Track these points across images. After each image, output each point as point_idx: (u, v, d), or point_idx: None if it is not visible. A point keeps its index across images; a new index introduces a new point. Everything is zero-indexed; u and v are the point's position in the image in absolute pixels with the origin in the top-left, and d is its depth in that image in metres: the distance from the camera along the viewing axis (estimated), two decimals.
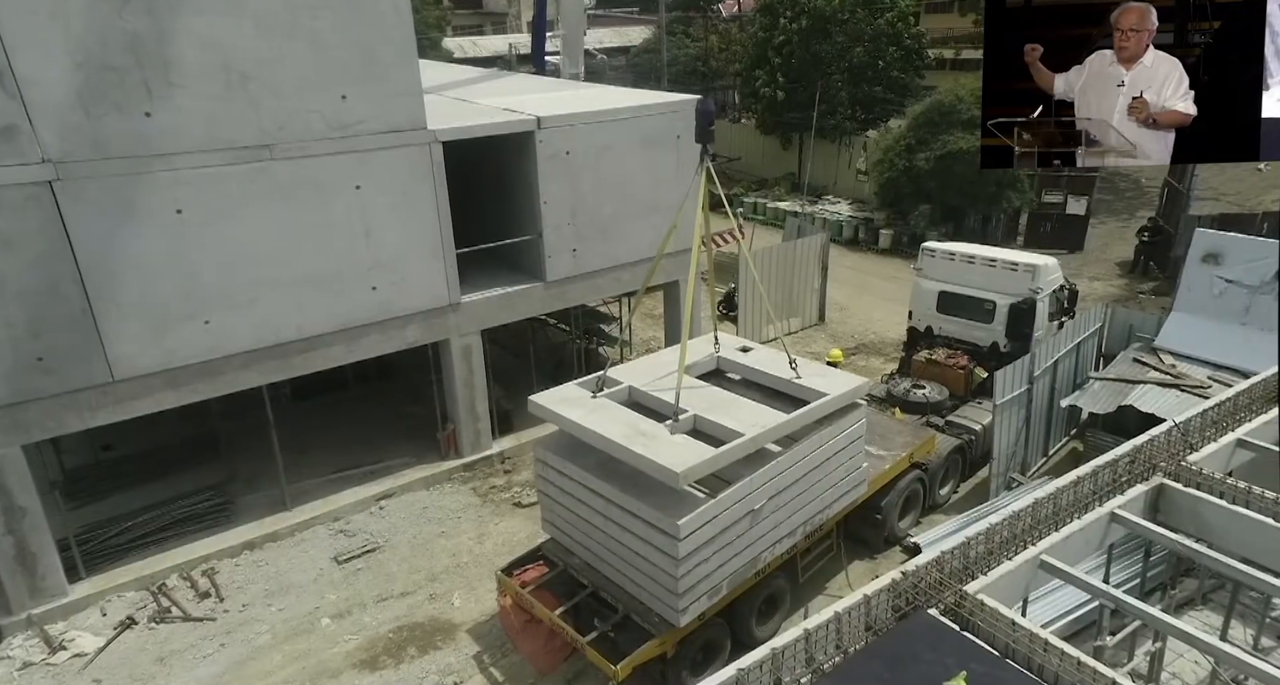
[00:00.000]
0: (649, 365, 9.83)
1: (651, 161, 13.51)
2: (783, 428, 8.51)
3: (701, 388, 9.23)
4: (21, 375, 9.03)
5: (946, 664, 5.40)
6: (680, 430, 8.25)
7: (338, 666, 9.22)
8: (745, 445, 8.07)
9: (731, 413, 8.55)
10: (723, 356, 10.20)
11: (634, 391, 9.10)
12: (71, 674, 9.07)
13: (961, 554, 6.45)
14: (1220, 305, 11.69)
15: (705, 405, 8.68)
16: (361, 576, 10.73)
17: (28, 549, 9.54)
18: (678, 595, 8.07)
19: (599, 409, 8.66)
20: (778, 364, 9.64)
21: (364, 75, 10.44)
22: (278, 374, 10.97)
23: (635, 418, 8.47)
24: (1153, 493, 7.44)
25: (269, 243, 10.30)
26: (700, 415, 8.48)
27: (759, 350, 10.37)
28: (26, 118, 8.41)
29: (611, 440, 8.04)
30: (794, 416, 8.60)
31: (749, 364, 9.96)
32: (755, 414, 8.58)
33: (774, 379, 9.57)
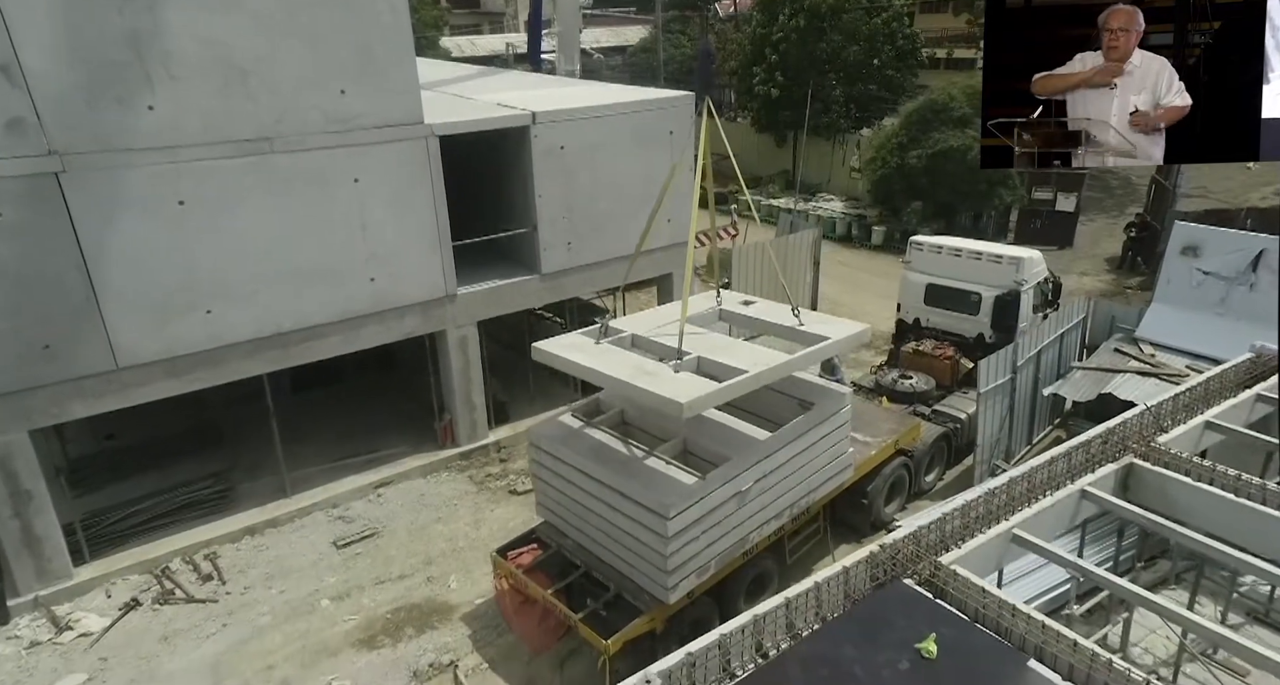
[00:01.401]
0: (651, 317, 9.96)
1: (645, 156, 13.76)
2: (786, 367, 8.64)
3: (704, 334, 9.34)
4: (28, 362, 9.27)
5: (919, 628, 5.66)
6: (684, 369, 8.36)
7: (337, 645, 9.47)
8: (748, 381, 8.17)
9: (734, 354, 8.66)
10: (725, 308, 10.36)
11: (637, 339, 9.24)
12: (78, 652, 9.32)
13: (938, 528, 6.70)
14: (1198, 297, 11.97)
15: (708, 348, 8.79)
16: (360, 560, 10.99)
17: (34, 532, 9.79)
18: (667, 573, 8.34)
19: (603, 353, 8.77)
20: (780, 313, 9.80)
21: (362, 71, 10.69)
22: (278, 363, 11.22)
23: (639, 359, 8.60)
24: (1122, 471, 7.71)
25: (269, 234, 10.55)
26: (703, 356, 8.61)
27: (761, 302, 10.51)
28: (33, 110, 8.66)
29: (617, 379, 8.17)
30: (797, 356, 8.75)
31: (752, 314, 10.11)
32: (758, 354, 8.69)
33: (777, 327, 9.71)
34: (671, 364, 8.34)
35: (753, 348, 8.98)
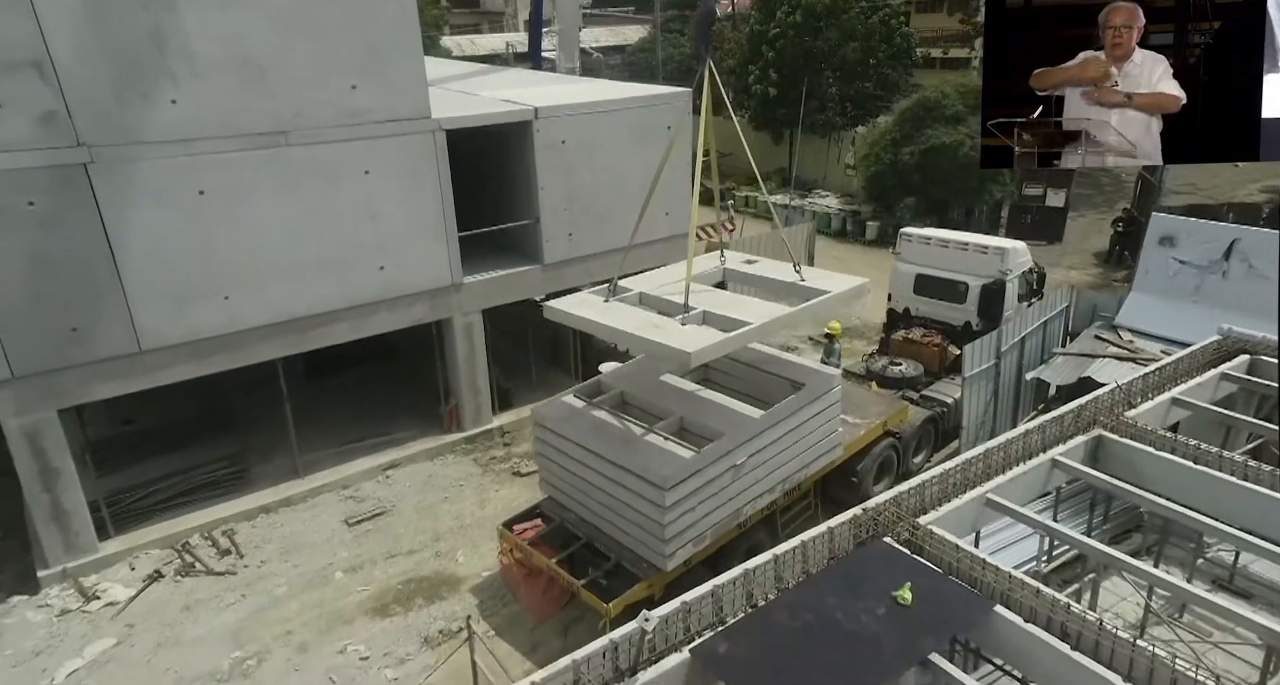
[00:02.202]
0: (657, 276, 10.36)
1: (644, 150, 14.21)
2: (789, 319, 9.08)
3: (710, 291, 9.74)
4: (57, 344, 9.76)
5: (897, 580, 6.15)
6: (691, 322, 8.73)
7: (351, 614, 9.96)
8: (753, 332, 8.59)
9: (739, 308, 9.07)
10: (729, 267, 10.79)
11: (644, 296, 9.66)
12: (105, 620, 9.80)
13: (917, 493, 7.19)
14: (1174, 285, 12.47)
15: (713, 303, 9.20)
16: (371, 537, 11.47)
17: (62, 507, 10.28)
18: (664, 542, 8.83)
19: (612, 309, 9.19)
20: (783, 271, 10.24)
21: (372, 67, 11.17)
22: (292, 348, 11.70)
23: (647, 314, 9.01)
24: (1092, 442, 8.20)
25: (283, 223, 11.03)
26: (709, 311, 9.00)
27: (763, 261, 10.92)
28: (64, 104, 9.14)
29: (626, 332, 8.59)
30: (800, 308, 9.19)
31: (755, 272, 10.54)
32: (762, 308, 9.09)
33: (780, 283, 10.13)
34: (679, 317, 8.75)
35: (757, 302, 9.35)
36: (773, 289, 10.20)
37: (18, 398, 9.71)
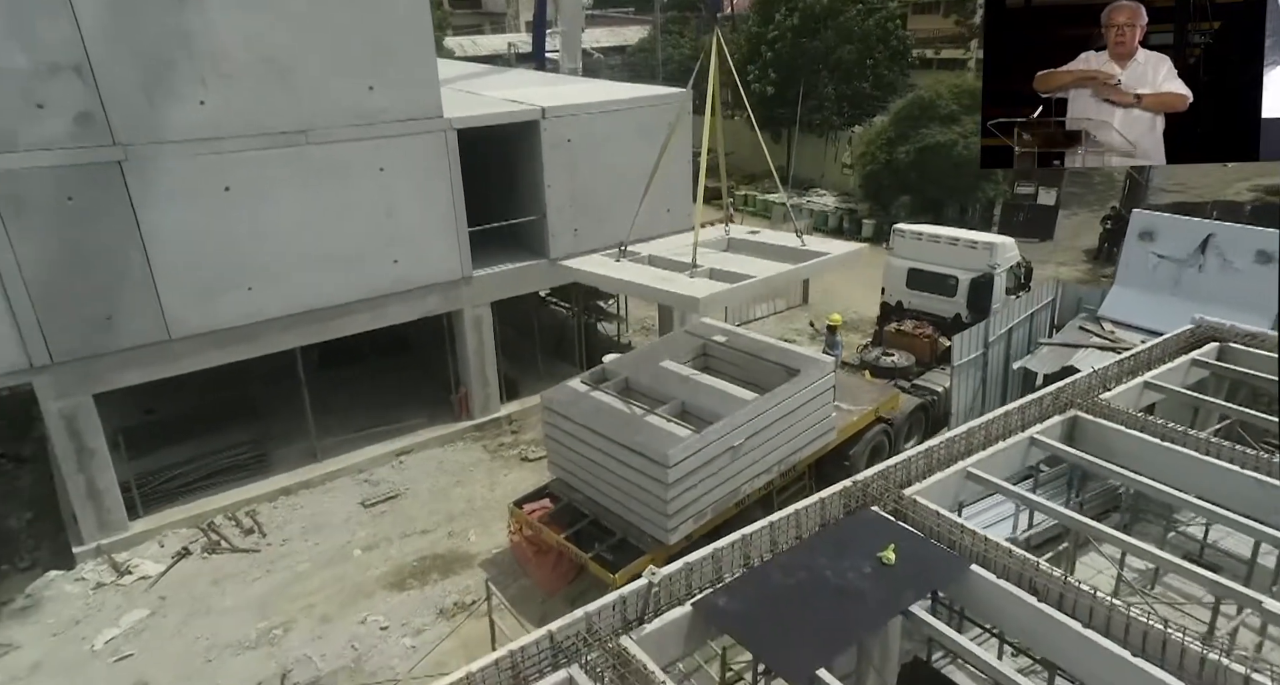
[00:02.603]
0: (664, 242, 10.89)
1: (646, 148, 14.69)
2: (790, 275, 9.61)
3: (716, 253, 10.26)
4: (92, 332, 10.31)
5: (883, 543, 6.71)
6: (699, 276, 9.27)
7: (370, 588, 10.51)
8: (757, 285, 9.15)
9: (743, 265, 9.61)
10: (733, 237, 11.30)
11: (653, 257, 10.18)
12: (138, 593, 10.36)
13: (903, 467, 7.73)
14: (1154, 279, 13.02)
15: (718, 261, 9.74)
16: (386, 518, 12.03)
17: (96, 486, 10.84)
18: (667, 517, 9.39)
19: (624, 267, 9.72)
20: (785, 239, 10.75)
21: (387, 69, 11.71)
22: (311, 338, 12.25)
23: (657, 270, 9.54)
24: (1068, 422, 8.75)
25: (303, 218, 11.58)
26: (715, 267, 9.53)
27: (765, 232, 11.43)
28: (100, 105, 9.68)
29: (639, 283, 9.14)
30: (802, 266, 9.71)
31: (758, 240, 11.05)
32: (765, 265, 9.60)
33: (783, 248, 10.64)
34: (687, 272, 9.27)
35: (760, 261, 9.86)
36: (776, 254, 10.65)
37: (57, 382, 10.28)
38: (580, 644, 5.78)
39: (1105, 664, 5.57)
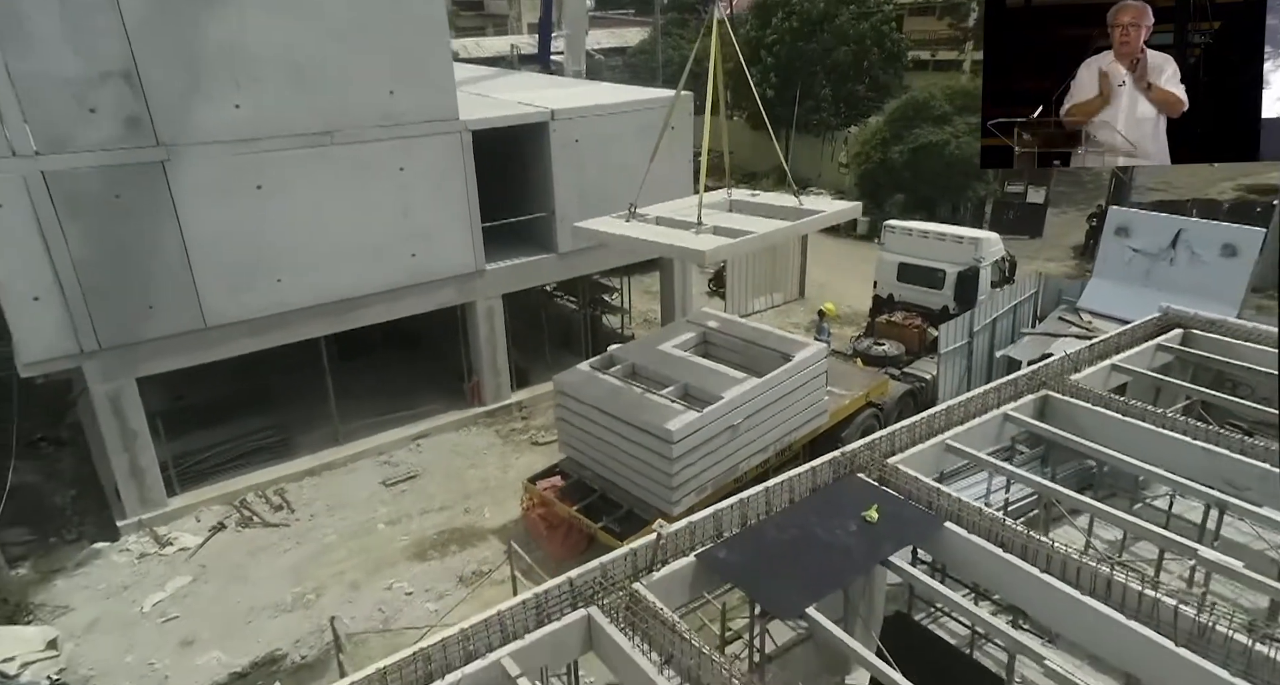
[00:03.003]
0: (671, 205, 11.55)
1: (649, 148, 15.50)
2: (789, 230, 10.34)
3: (719, 213, 10.93)
4: (136, 320, 11.07)
5: (866, 503, 7.47)
6: (704, 232, 9.99)
7: (394, 558, 11.28)
8: (757, 239, 9.85)
9: (746, 223, 10.30)
10: (735, 199, 11.99)
11: (661, 218, 10.88)
12: (180, 562, 11.13)
13: (888, 440, 8.50)
14: (1129, 271, 13.81)
15: (722, 220, 10.44)
16: (406, 496, 12.79)
17: (139, 465, 11.60)
18: (671, 489, 10.16)
19: (634, 226, 10.41)
20: (784, 199, 11.45)
21: (408, 74, 12.47)
22: (334, 327, 13.01)
23: (664, 228, 10.22)
24: (1040, 401, 9.52)
25: (328, 214, 12.33)
26: (719, 225, 10.24)
27: (765, 194, 12.09)
28: (146, 109, 10.44)
29: (649, 239, 9.83)
30: (799, 223, 10.42)
31: (759, 201, 11.76)
32: (765, 224, 10.32)
33: (783, 208, 11.30)
34: (693, 229, 10.00)
35: (761, 219, 10.56)
36: (775, 213, 11.27)
37: (104, 367, 11.04)
38: (597, 588, 6.54)
39: (1059, 604, 6.36)
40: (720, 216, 10.60)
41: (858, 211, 11.26)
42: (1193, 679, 5.56)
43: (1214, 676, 5.43)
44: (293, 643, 9.75)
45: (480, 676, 5.99)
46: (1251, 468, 7.84)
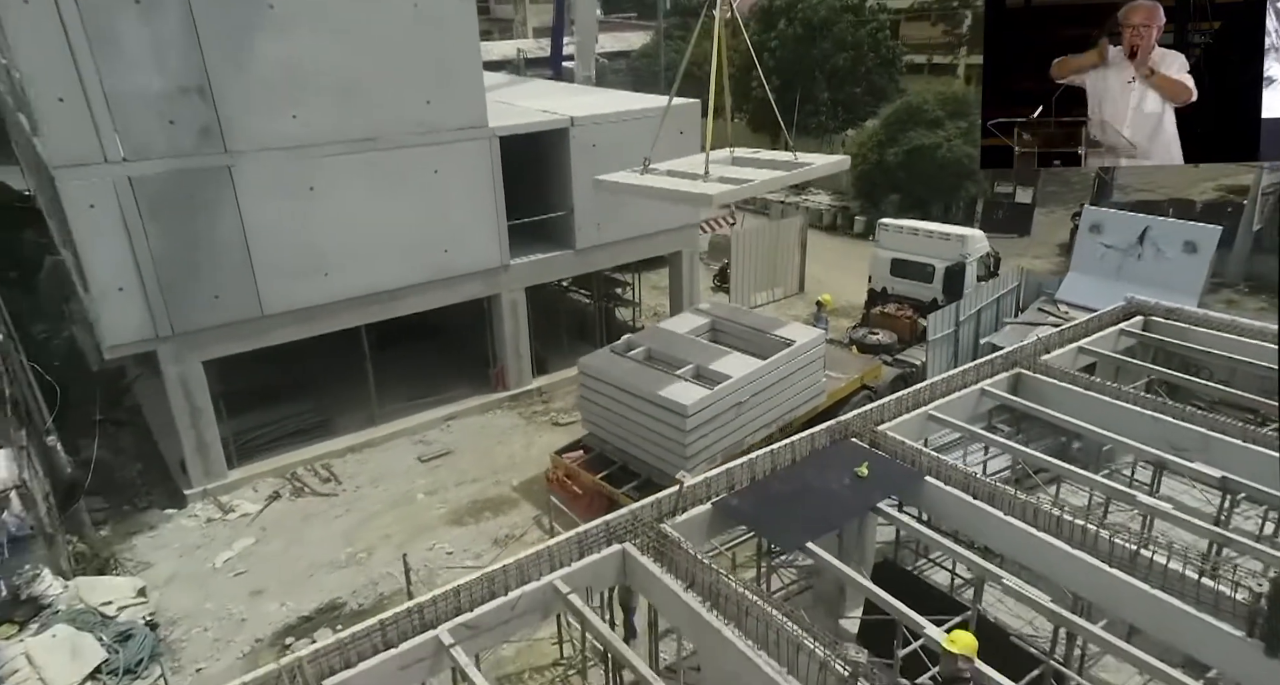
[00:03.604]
0: (680, 161, 12.69)
1: (658, 154, 16.65)
2: (786, 178, 11.67)
3: (724, 166, 12.11)
4: (203, 309, 12.29)
5: (858, 462, 8.70)
6: (711, 180, 11.23)
7: (434, 524, 12.51)
8: (759, 185, 11.11)
9: (747, 173, 11.52)
10: (737, 156, 13.19)
11: (671, 170, 12.11)
12: (243, 526, 12.37)
13: (878, 410, 9.75)
14: (1101, 266, 15.05)
15: (727, 172, 11.61)
16: (441, 470, 14.02)
17: (204, 440, 12.84)
18: (685, 459, 11.38)
19: (647, 178, 11.66)
20: (782, 155, 12.67)
21: (442, 86, 13.68)
22: (374, 316, 14.24)
23: (675, 179, 11.46)
24: (1013, 378, 10.77)
25: (371, 213, 13.54)
26: (723, 176, 11.39)
27: (765, 152, 13.36)
28: (217, 120, 11.66)
29: (661, 187, 11.09)
30: (793, 172, 11.66)
31: (759, 157, 12.99)
32: (764, 174, 11.51)
33: (778, 162, 12.41)
34: (700, 179, 11.25)
35: (759, 170, 11.78)
36: (773, 166, 12.35)
37: (176, 351, 12.27)
38: (629, 528, 7.78)
39: (1020, 539, 7.62)
40: (724, 169, 11.91)
41: (846, 164, 12.59)
42: (1123, 592, 6.82)
43: (1138, 589, 6.69)
44: (350, 593, 10.98)
45: (535, 594, 7.25)
46: (1190, 432, 9.10)
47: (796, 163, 12.08)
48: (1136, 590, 6.77)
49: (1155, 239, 14.23)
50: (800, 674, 6.06)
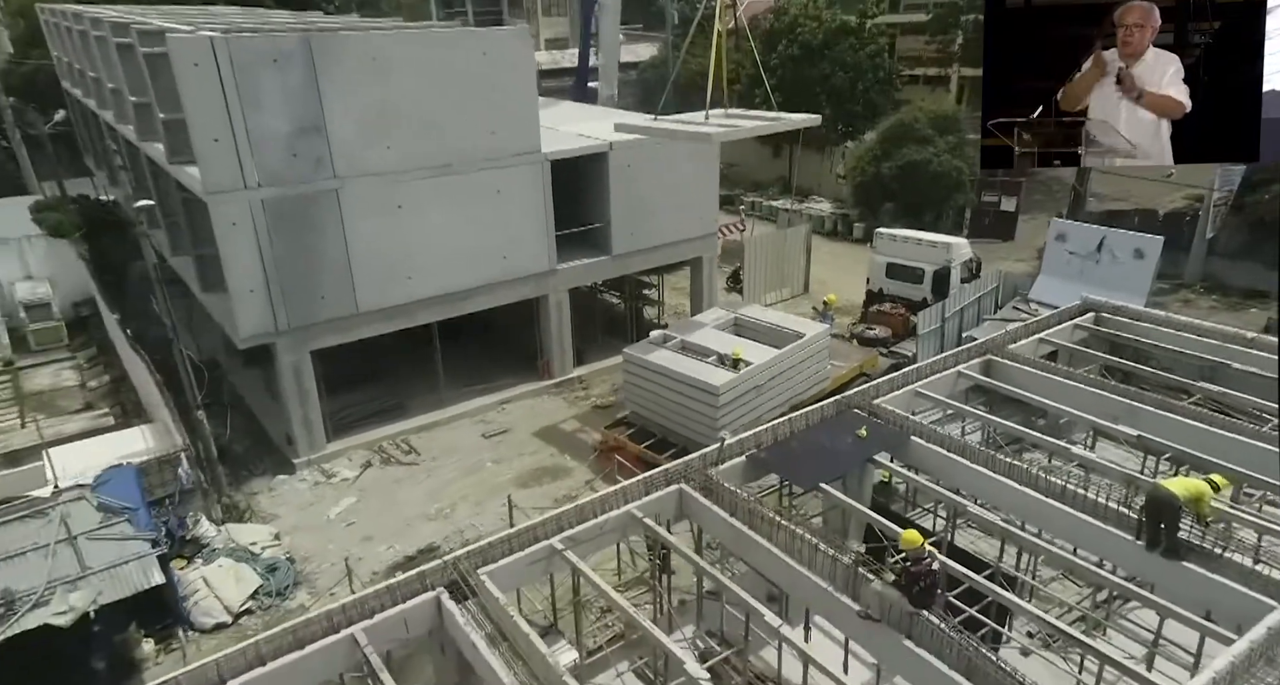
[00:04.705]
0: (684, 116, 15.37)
1: (681, 172, 19.19)
2: (770, 126, 14.57)
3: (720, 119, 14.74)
4: (312, 306, 14.74)
5: (858, 426, 11.13)
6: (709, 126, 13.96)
7: (503, 487, 14.94)
8: (748, 130, 14.01)
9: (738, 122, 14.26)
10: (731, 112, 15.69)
11: (678, 119, 14.77)
12: (344, 488, 14.82)
13: (875, 389, 12.19)
14: (1067, 270, 17.51)
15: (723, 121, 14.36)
16: (503, 444, 16.47)
17: (309, 418, 15.30)
18: (715, 431, 13.80)
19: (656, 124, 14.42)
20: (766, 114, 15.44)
21: (504, 120, 16.13)
22: (445, 314, 16.69)
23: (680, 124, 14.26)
24: (985, 363, 13.21)
25: (445, 227, 15.98)
26: (722, 123, 14.10)
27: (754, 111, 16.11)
28: (329, 152, 14.10)
29: (669, 129, 13.77)
30: (775, 122, 14.46)
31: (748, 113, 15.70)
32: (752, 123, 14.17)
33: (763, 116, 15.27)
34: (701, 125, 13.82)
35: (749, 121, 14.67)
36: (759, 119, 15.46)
37: (291, 342, 14.72)
38: (683, 473, 10.21)
39: (984, 482, 10.05)
40: (721, 120, 14.74)
41: (817, 121, 15.43)
42: (1054, 516, 9.26)
43: (1065, 512, 9.14)
44: (442, 538, 13.42)
45: (614, 520, 9.65)
46: (1119, 403, 11.55)
47: (777, 117, 14.90)
48: (1063, 513, 9.22)
49: (1111, 247, 16.69)
50: (818, 568, 8.48)
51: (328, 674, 7.83)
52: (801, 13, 33.74)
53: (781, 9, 37.73)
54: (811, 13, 33.70)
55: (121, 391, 18.41)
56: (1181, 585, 8.23)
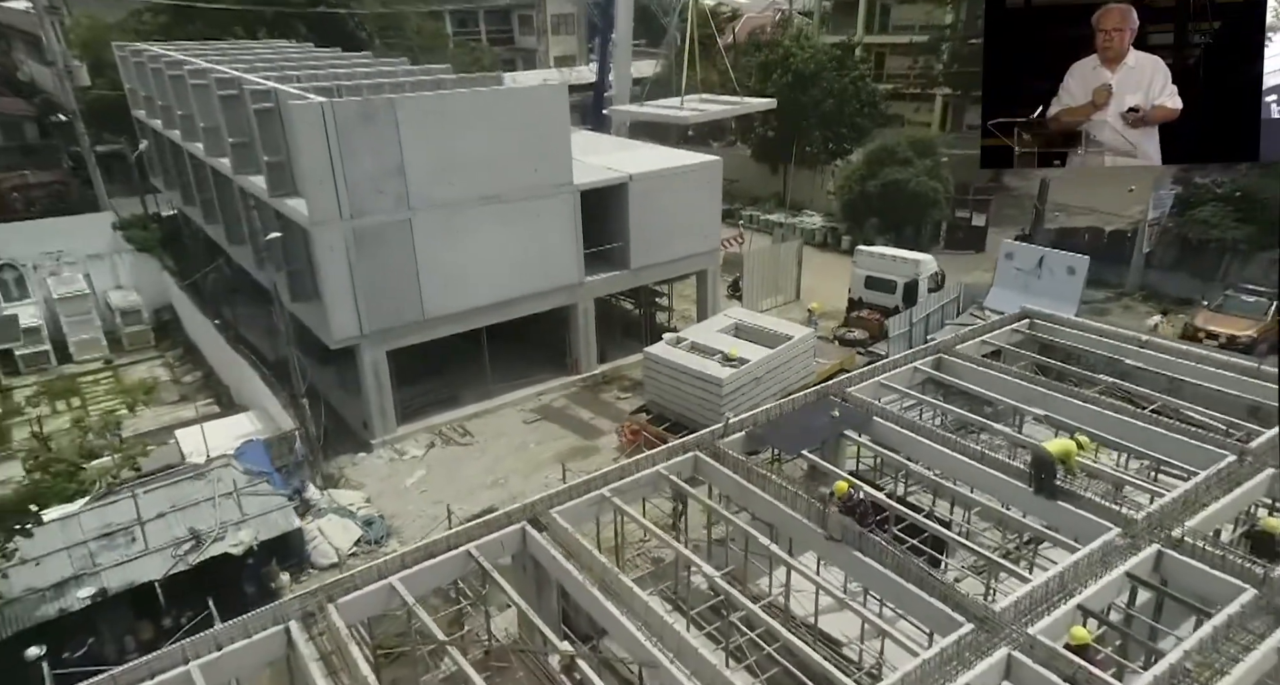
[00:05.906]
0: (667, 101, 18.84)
1: (691, 198, 22.40)
2: (734, 110, 18.51)
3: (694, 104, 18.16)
4: (389, 312, 17.92)
5: (833, 408, 14.34)
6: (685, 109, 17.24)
7: (546, 462, 18.11)
8: (717, 112, 18.21)
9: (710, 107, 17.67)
10: (703, 97, 19.15)
11: (660, 105, 18.07)
12: (414, 464, 18.01)
13: (848, 380, 15.40)
14: (1015, 283, 20.75)
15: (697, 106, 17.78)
16: (541, 429, 19.66)
17: (384, 405, 18.48)
18: (720, 416, 17.00)
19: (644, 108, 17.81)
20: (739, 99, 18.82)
21: (543, 158, 19.32)
22: (494, 319, 19.89)
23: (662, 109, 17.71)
24: (937, 360, 16.41)
25: (495, 246, 19.16)
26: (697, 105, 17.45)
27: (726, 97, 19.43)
28: (406, 189, 17.29)
29: (651, 112, 17.84)
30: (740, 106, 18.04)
31: (717, 99, 19.05)
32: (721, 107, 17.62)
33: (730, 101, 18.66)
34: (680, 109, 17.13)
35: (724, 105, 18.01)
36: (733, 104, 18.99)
37: (371, 344, 17.91)
38: (697, 444, 13.41)
39: (935, 454, 13.20)
40: (695, 104, 18.08)
41: (772, 104, 19.01)
42: (978, 475, 12.45)
43: (986, 472, 12.33)
44: (500, 503, 16.58)
45: (646, 477, 12.81)
46: (1037, 392, 14.78)
47: (740, 101, 18.27)
48: (984, 472, 12.43)
49: (1049, 264, 19.93)
50: (797, 508, 11.68)
51: (448, 579, 11.01)
52: (794, 43, 37.01)
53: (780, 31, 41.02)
54: (802, 42, 36.97)
55: (211, 385, 21.60)
56: (1059, 518, 11.45)
